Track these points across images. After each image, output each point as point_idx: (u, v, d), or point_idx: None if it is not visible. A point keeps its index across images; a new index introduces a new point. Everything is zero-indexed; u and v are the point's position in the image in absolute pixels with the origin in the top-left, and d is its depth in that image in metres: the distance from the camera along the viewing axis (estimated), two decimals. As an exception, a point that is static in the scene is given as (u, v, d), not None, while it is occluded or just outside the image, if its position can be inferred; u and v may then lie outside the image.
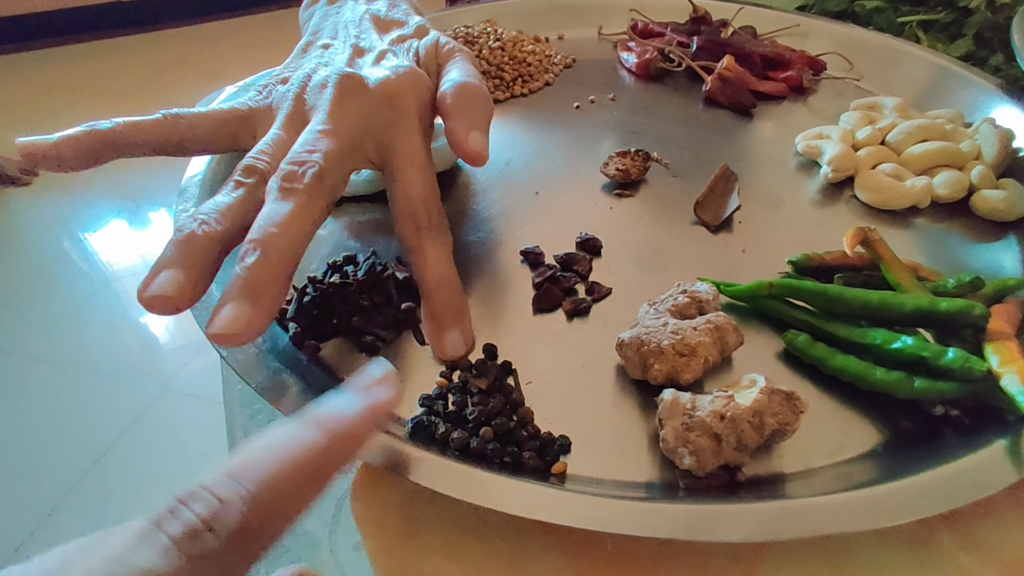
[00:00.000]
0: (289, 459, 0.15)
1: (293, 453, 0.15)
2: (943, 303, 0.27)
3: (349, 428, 0.16)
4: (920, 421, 0.27)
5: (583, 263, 0.33)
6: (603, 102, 0.47)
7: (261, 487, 0.14)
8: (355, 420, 0.17)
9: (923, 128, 0.39)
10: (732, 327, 0.28)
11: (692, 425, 0.24)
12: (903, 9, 0.53)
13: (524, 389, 0.28)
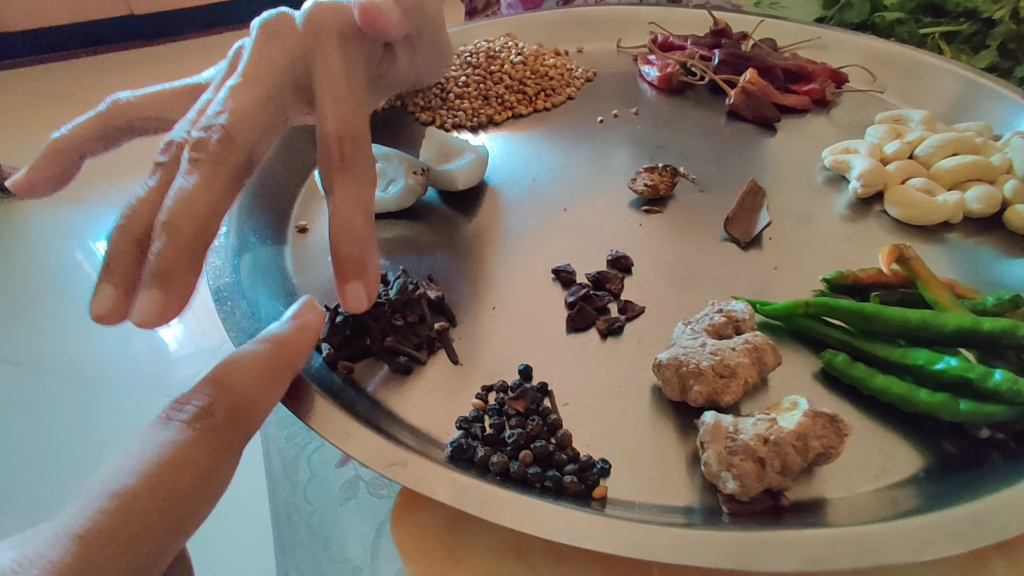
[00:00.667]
0: (252, 365, 0.21)
1: (254, 361, 0.21)
2: (986, 323, 0.27)
3: (291, 340, 0.23)
4: (965, 444, 0.26)
5: (615, 281, 0.32)
6: (626, 116, 0.47)
7: (237, 384, 0.20)
8: (294, 335, 0.23)
9: (953, 142, 0.39)
10: (770, 347, 0.28)
11: (735, 449, 0.24)
12: (925, 20, 0.53)
13: (561, 410, 0.28)
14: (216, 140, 0.23)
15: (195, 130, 0.24)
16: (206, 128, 0.24)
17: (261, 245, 0.35)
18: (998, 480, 0.24)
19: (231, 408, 0.19)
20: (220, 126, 0.23)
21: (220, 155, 0.23)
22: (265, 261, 0.35)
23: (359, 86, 0.27)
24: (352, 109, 0.26)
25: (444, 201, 0.39)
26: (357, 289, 0.25)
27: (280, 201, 0.39)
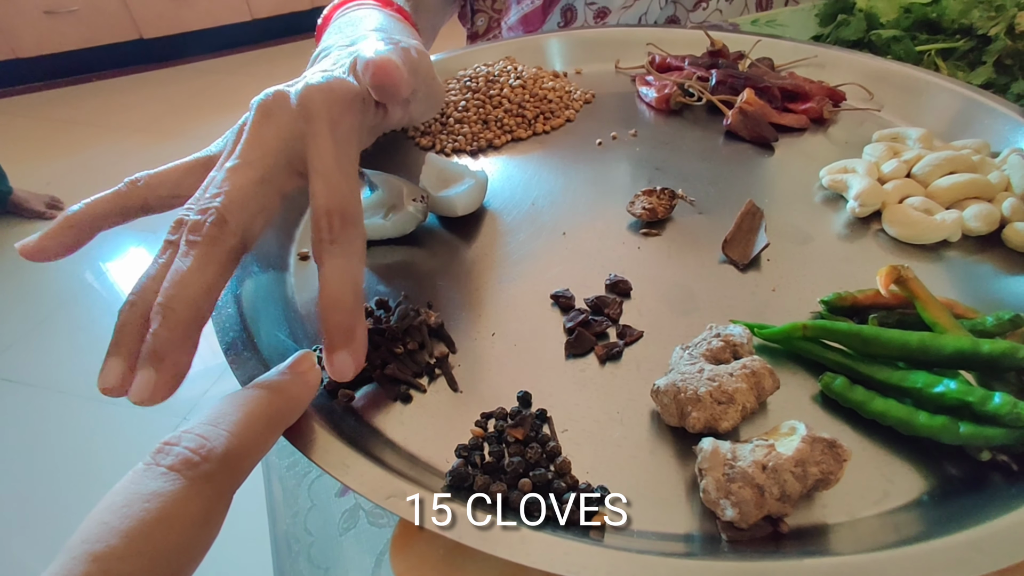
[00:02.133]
0: (250, 411, 0.20)
1: (253, 407, 0.21)
2: (985, 345, 0.27)
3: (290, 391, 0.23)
4: (967, 467, 0.26)
5: (614, 306, 0.33)
6: (625, 138, 0.48)
7: (233, 429, 0.19)
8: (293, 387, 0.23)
9: (950, 160, 0.39)
10: (768, 372, 0.28)
11: (734, 476, 0.24)
12: (921, 38, 0.54)
13: (560, 437, 0.28)
14: (210, 223, 0.24)
15: (192, 213, 0.25)
16: (202, 211, 0.25)
17: (263, 273, 0.36)
18: (1000, 504, 0.24)
19: (226, 454, 0.19)
20: (214, 209, 0.25)
21: (213, 237, 0.24)
22: (267, 288, 0.35)
23: (349, 164, 0.28)
24: (341, 186, 0.27)
25: (444, 226, 0.40)
26: (344, 359, 0.26)
27: (283, 229, 0.39)
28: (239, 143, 0.28)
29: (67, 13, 2.38)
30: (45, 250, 0.28)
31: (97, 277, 1.70)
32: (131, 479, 0.17)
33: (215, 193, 0.26)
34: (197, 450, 0.18)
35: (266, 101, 0.28)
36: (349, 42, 0.36)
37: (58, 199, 1.92)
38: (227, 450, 0.19)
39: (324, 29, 0.46)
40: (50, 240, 0.28)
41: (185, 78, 2.64)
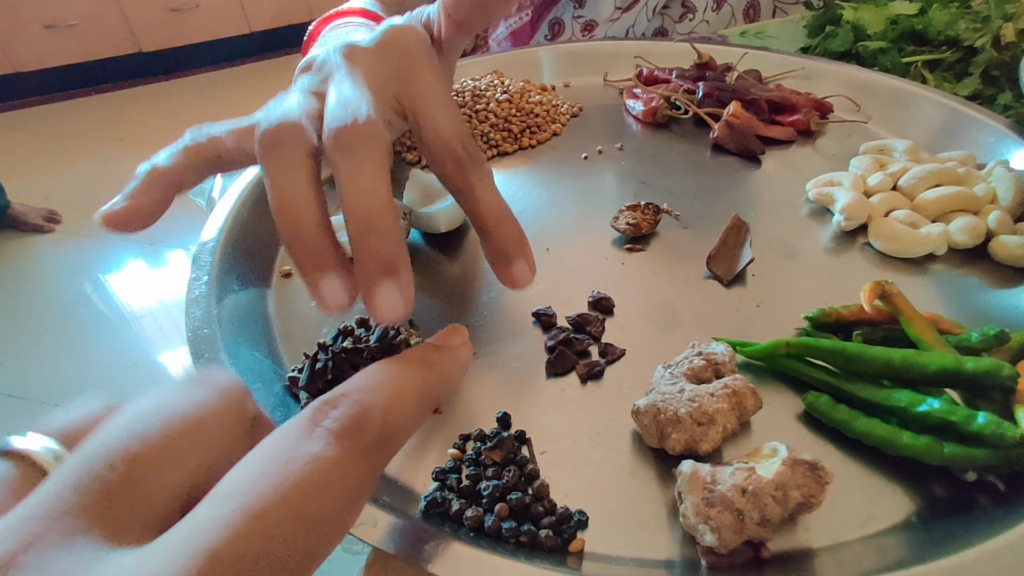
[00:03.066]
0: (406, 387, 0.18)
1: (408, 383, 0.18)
2: (969, 363, 0.26)
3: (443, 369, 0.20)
4: (952, 487, 0.26)
5: (596, 324, 0.32)
6: (611, 152, 0.48)
7: (392, 404, 0.17)
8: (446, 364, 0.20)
9: (936, 173, 0.39)
10: (750, 391, 0.27)
11: (713, 500, 0.23)
12: (907, 49, 0.54)
13: (539, 459, 0.27)
14: (366, 122, 0.23)
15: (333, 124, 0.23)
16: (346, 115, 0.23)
17: (243, 291, 0.35)
18: (985, 527, 0.24)
19: (383, 429, 0.16)
20: (364, 113, 0.23)
21: (374, 135, 0.23)
22: (247, 306, 0.35)
23: (450, 92, 0.28)
24: (458, 112, 0.27)
25: (427, 243, 0.39)
26: (523, 267, 0.26)
27: (265, 247, 0.39)
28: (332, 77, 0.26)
29: (67, 27, 2.40)
30: (138, 210, 0.24)
31: (96, 289, 1.70)
32: (292, 433, 0.15)
33: (350, 101, 0.24)
34: (357, 419, 0.16)
35: (344, 48, 0.27)
36: None
37: (56, 212, 1.92)
38: (385, 426, 0.16)
39: (310, 44, 0.46)
40: (140, 199, 0.25)
41: (184, 91, 2.65)
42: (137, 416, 0.15)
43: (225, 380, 0.17)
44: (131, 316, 1.61)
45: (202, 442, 0.15)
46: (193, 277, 0.34)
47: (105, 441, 0.14)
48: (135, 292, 1.67)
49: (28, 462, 0.15)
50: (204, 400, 0.16)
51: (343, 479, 0.15)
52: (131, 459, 0.14)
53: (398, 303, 0.21)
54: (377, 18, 0.48)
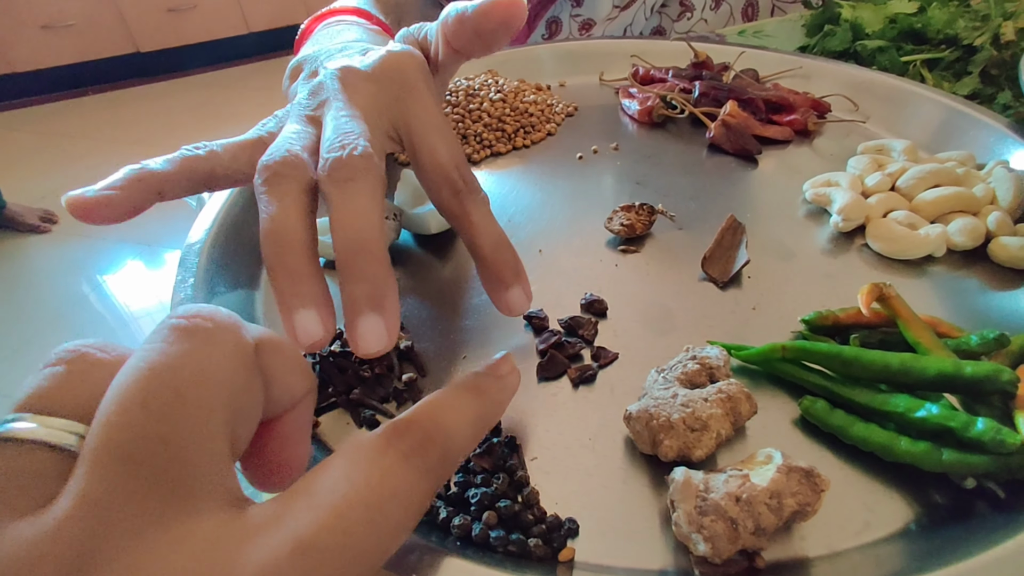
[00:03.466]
0: (464, 413, 0.20)
1: (466, 409, 0.20)
2: (968, 367, 0.26)
3: (494, 396, 0.21)
4: (951, 494, 0.25)
5: (588, 327, 0.32)
6: (606, 151, 0.47)
7: (452, 430, 0.19)
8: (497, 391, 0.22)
9: (934, 173, 0.38)
10: (745, 396, 0.27)
11: (706, 509, 0.23)
12: (906, 48, 0.53)
13: (529, 466, 0.27)
14: (360, 154, 0.23)
15: (330, 154, 0.23)
16: (341, 147, 0.23)
17: (231, 292, 0.35)
18: (986, 536, 0.23)
19: (444, 452, 0.18)
20: (357, 143, 0.23)
21: (367, 168, 0.23)
22: (234, 308, 0.34)
23: (447, 119, 0.29)
24: (455, 139, 0.28)
25: (418, 245, 0.39)
26: (518, 293, 0.27)
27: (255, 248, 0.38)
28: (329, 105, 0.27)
29: (64, 27, 2.39)
30: (108, 203, 0.24)
31: (93, 290, 1.69)
32: (369, 448, 0.17)
33: (346, 132, 0.24)
34: (423, 442, 0.18)
35: (341, 71, 0.28)
36: (342, 47, 0.35)
37: (51, 212, 1.91)
38: (447, 449, 0.18)
39: (303, 42, 0.46)
40: (112, 193, 0.24)
41: (182, 91, 2.65)
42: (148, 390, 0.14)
43: (217, 322, 0.16)
44: (128, 317, 1.60)
45: (221, 395, 0.15)
46: (179, 279, 0.33)
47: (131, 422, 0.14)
48: (131, 293, 1.67)
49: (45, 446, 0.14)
50: (210, 354, 0.15)
51: (410, 491, 0.17)
52: (165, 440, 0.14)
53: (382, 336, 0.21)
54: (371, 17, 0.47)
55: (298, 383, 0.19)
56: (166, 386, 0.14)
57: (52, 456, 0.14)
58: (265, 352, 0.17)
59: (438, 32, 0.29)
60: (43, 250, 1.83)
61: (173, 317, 0.16)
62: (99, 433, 0.14)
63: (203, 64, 2.76)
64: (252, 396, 0.17)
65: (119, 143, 2.30)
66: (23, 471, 0.14)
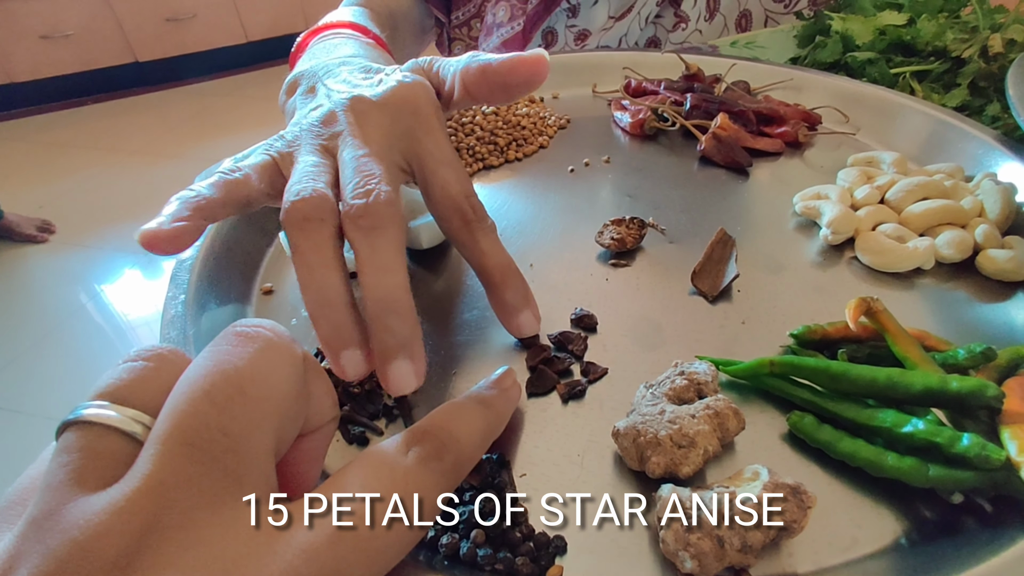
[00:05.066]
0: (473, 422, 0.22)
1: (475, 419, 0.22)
2: (954, 382, 0.26)
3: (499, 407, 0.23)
4: (939, 509, 0.25)
5: (578, 342, 0.32)
6: (598, 164, 0.47)
7: (463, 438, 0.21)
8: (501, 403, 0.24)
9: (923, 186, 0.39)
10: (733, 411, 0.27)
11: (692, 527, 0.23)
12: (895, 60, 0.53)
13: (518, 482, 0.27)
14: (384, 201, 0.25)
15: (353, 200, 0.25)
16: (364, 194, 0.25)
17: (220, 307, 0.35)
18: (971, 552, 0.23)
19: (457, 458, 0.20)
20: (380, 190, 0.25)
21: (392, 216, 0.25)
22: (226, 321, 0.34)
23: (455, 151, 0.30)
24: (464, 171, 0.29)
25: (410, 259, 0.39)
26: (529, 317, 0.29)
27: (247, 263, 0.39)
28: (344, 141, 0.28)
29: (62, 37, 2.40)
30: (179, 236, 0.25)
31: (91, 299, 1.69)
32: (390, 451, 0.19)
33: (368, 174, 0.25)
34: (437, 449, 0.19)
35: (353, 103, 0.29)
36: (339, 62, 0.35)
37: (49, 222, 1.92)
38: (459, 455, 0.20)
39: (298, 56, 0.46)
40: (181, 225, 0.25)
41: (180, 100, 2.65)
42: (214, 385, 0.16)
43: (277, 334, 0.18)
44: (126, 326, 1.60)
45: (277, 398, 0.17)
46: (170, 296, 0.33)
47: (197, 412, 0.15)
48: (130, 302, 1.67)
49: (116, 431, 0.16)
50: (270, 359, 0.17)
51: (427, 489, 0.18)
52: (225, 431, 0.15)
53: (411, 379, 0.24)
54: (366, 31, 0.48)
55: (328, 408, 0.20)
56: (231, 383, 0.16)
57: (121, 441, 0.15)
58: (311, 371, 0.19)
59: (456, 75, 0.30)
60: (40, 260, 1.83)
61: (238, 326, 0.18)
62: (168, 420, 0.15)
63: (201, 73, 2.77)
64: (299, 406, 0.18)
65: (118, 152, 2.30)
66: (98, 451, 0.15)
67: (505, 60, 0.29)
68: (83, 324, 1.60)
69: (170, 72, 2.70)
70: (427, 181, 0.28)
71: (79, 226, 1.93)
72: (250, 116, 2.50)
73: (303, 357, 0.18)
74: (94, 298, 1.69)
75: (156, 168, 2.20)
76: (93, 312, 1.64)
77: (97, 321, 1.62)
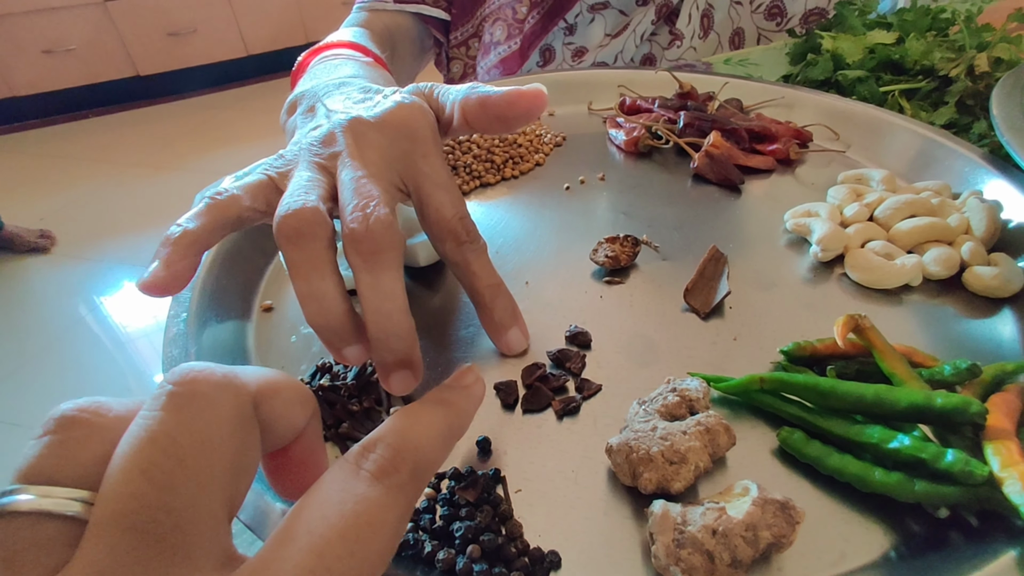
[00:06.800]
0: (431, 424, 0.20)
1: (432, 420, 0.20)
2: (939, 399, 0.26)
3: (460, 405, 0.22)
4: (926, 524, 0.26)
5: (576, 360, 0.32)
6: (593, 182, 0.48)
7: (421, 442, 0.19)
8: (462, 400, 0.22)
9: (910, 203, 0.39)
10: (723, 428, 0.27)
11: (683, 542, 0.23)
12: (885, 78, 0.55)
13: (513, 498, 0.27)
14: (383, 226, 0.25)
15: (356, 224, 0.26)
16: (365, 216, 0.26)
17: (221, 324, 0.35)
18: (956, 566, 0.24)
19: (415, 466, 0.18)
20: (378, 216, 0.26)
21: (391, 241, 0.26)
22: (225, 341, 0.35)
23: (450, 173, 0.31)
24: (458, 192, 0.30)
25: (407, 276, 0.40)
26: (516, 334, 0.31)
27: (247, 281, 0.39)
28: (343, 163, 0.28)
29: (65, 52, 2.43)
30: (176, 277, 0.25)
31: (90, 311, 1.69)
32: (340, 476, 0.17)
33: (367, 195, 0.26)
34: (391, 460, 0.18)
35: (352, 124, 0.29)
36: (339, 83, 0.36)
37: (49, 231, 1.93)
38: (417, 462, 0.18)
39: (299, 75, 0.47)
40: (176, 266, 0.26)
41: (181, 113, 2.67)
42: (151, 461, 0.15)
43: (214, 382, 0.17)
44: (125, 338, 1.61)
45: (222, 459, 0.16)
46: (172, 314, 0.34)
47: (135, 493, 0.14)
48: (129, 314, 1.67)
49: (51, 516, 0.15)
50: (209, 419, 0.16)
51: (385, 513, 0.17)
52: (167, 509, 0.14)
53: (411, 383, 0.26)
54: (366, 50, 0.49)
55: (300, 414, 0.20)
56: (168, 455, 0.15)
57: (59, 525, 0.14)
58: (264, 399, 0.18)
59: (456, 104, 0.31)
60: (41, 272, 1.83)
61: (169, 382, 0.16)
62: (106, 505, 0.14)
63: (202, 86, 2.80)
64: (251, 452, 0.17)
65: (119, 165, 2.32)
66: (29, 543, 0.14)
67: (504, 94, 0.30)
68: (83, 336, 1.60)
69: (171, 85, 2.73)
70: (423, 203, 0.29)
71: (80, 238, 1.94)
72: (251, 129, 2.52)
73: (253, 391, 0.18)
74: (94, 310, 1.69)
75: (157, 181, 2.21)
76: (92, 324, 1.65)
77: (97, 334, 1.62)
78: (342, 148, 0.29)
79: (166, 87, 2.72)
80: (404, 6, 0.67)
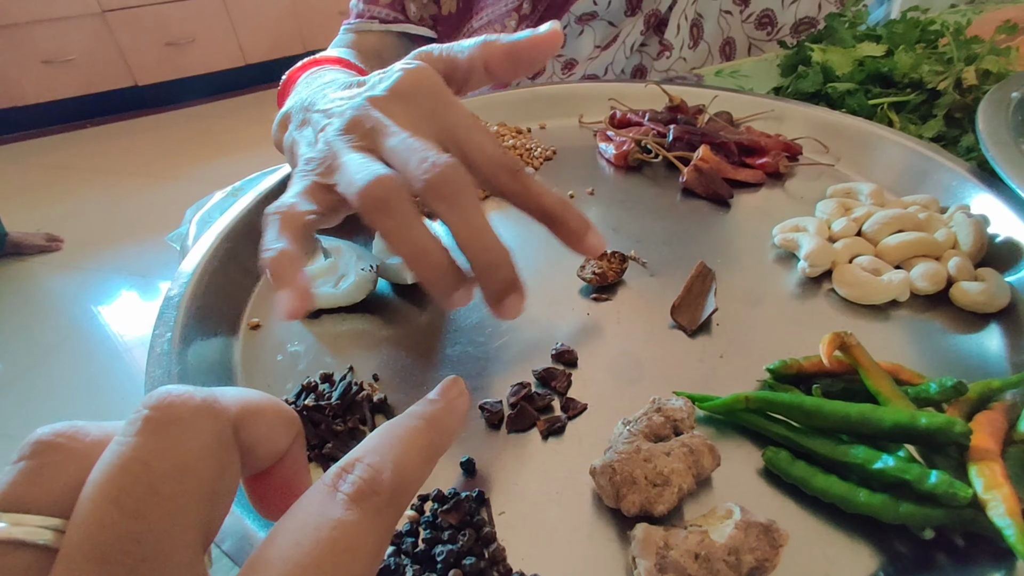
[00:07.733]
0: (411, 442, 0.19)
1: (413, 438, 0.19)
2: (923, 419, 0.26)
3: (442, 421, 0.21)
4: (912, 545, 0.26)
5: (561, 379, 0.32)
6: (582, 196, 0.48)
7: (400, 462, 0.18)
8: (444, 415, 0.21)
9: (898, 218, 0.39)
10: (708, 449, 0.27)
11: (665, 566, 0.23)
12: (874, 91, 0.55)
13: (496, 520, 0.27)
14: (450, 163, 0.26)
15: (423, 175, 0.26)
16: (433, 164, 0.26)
17: (207, 341, 0.35)
18: (941, 590, 0.24)
19: (394, 488, 0.17)
20: (438, 157, 0.26)
21: (462, 178, 0.26)
22: (212, 357, 0.35)
23: None
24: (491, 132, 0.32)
25: (396, 294, 0.40)
26: (595, 236, 0.30)
27: (234, 298, 0.39)
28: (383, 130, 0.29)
29: (64, 62, 2.44)
30: (304, 295, 0.27)
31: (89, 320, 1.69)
32: (317, 500, 0.16)
33: (423, 148, 0.26)
34: (370, 482, 0.17)
35: (372, 103, 0.30)
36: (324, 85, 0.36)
37: (55, 234, 1.94)
38: (395, 484, 0.17)
39: (287, 92, 0.47)
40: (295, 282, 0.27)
41: (180, 122, 2.68)
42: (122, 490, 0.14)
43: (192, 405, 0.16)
44: (122, 348, 1.60)
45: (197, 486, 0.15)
46: (156, 334, 0.34)
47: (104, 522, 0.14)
48: (127, 323, 1.67)
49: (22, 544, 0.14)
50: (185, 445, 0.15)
51: (363, 538, 0.16)
52: (139, 539, 0.14)
53: (520, 305, 0.28)
54: (352, 66, 0.49)
55: (283, 437, 0.19)
56: (140, 483, 0.14)
57: (30, 554, 0.14)
58: (246, 422, 0.18)
59: (473, 56, 0.32)
60: (39, 281, 1.83)
61: (145, 406, 0.16)
62: (76, 533, 0.14)
63: (201, 96, 2.81)
64: (229, 477, 0.17)
65: (119, 174, 2.32)
66: (6, 569, 0.14)
67: (527, 40, 0.31)
68: (81, 345, 1.60)
69: (170, 95, 2.73)
70: (464, 148, 0.29)
71: (78, 247, 1.94)
72: (249, 137, 2.53)
73: (233, 415, 0.17)
74: (91, 320, 1.69)
75: (156, 190, 2.21)
76: (90, 334, 1.65)
77: (94, 343, 1.62)
78: (372, 124, 0.29)
79: (165, 97, 2.73)
80: (390, 26, 0.68)
